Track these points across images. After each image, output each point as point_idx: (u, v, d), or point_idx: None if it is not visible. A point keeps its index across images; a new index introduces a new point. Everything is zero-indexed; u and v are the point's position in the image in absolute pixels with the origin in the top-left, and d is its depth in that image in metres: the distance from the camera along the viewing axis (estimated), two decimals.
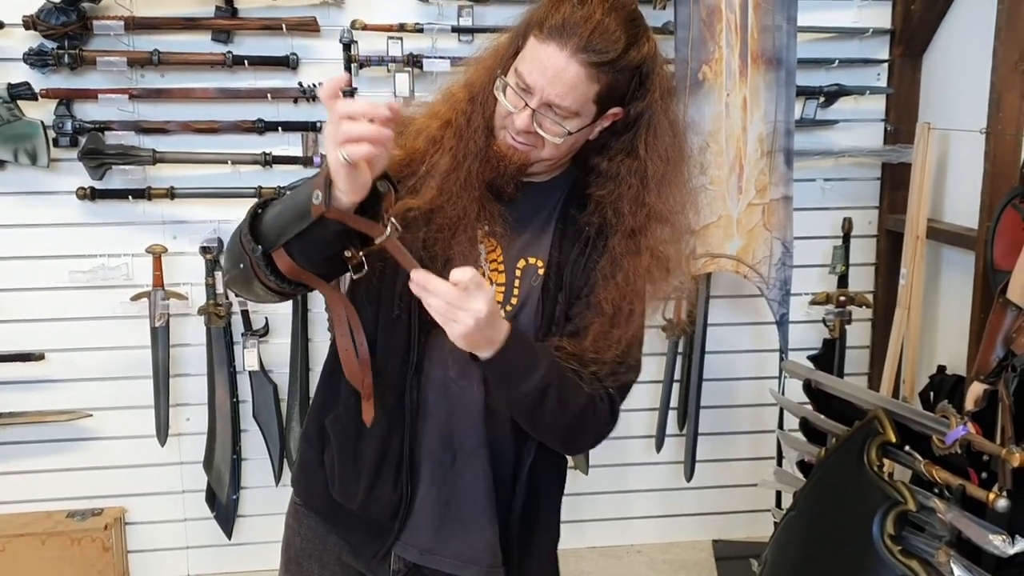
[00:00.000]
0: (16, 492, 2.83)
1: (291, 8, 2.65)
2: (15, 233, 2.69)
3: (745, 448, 3.15)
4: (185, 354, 2.84)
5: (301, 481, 1.63)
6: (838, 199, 3.02)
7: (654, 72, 1.39)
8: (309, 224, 1.24)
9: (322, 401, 1.58)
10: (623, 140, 1.42)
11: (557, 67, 1.31)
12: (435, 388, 1.46)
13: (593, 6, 1.31)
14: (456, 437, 1.47)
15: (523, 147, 1.38)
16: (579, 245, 1.45)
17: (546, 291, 1.45)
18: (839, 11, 2.90)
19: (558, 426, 1.39)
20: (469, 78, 1.46)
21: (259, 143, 2.71)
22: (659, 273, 1.44)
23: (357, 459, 1.49)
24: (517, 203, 1.44)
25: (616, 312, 1.40)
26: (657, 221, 1.43)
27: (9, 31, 2.54)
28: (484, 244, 1.44)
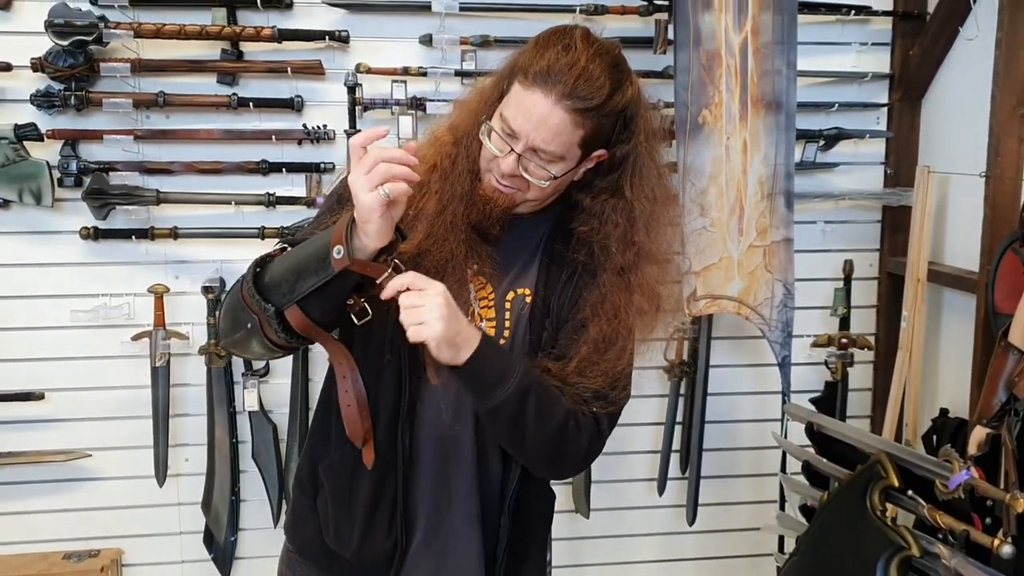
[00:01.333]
0: (13, 533, 2.81)
1: (296, 51, 2.68)
2: (18, 272, 2.70)
3: (747, 492, 3.12)
4: (185, 394, 2.83)
5: (294, 528, 1.62)
6: (839, 241, 3.03)
7: (638, 115, 1.42)
8: (327, 279, 1.27)
9: (313, 447, 1.59)
10: (608, 180, 1.45)
11: (542, 113, 1.33)
12: (428, 432, 1.47)
13: (578, 52, 1.33)
14: (451, 481, 1.48)
15: (508, 190, 1.41)
16: (566, 274, 1.48)
17: (533, 317, 1.47)
18: (838, 56, 2.93)
19: (542, 438, 1.39)
20: (454, 121, 1.49)
21: (263, 184, 2.72)
22: (649, 309, 1.47)
23: (351, 506, 1.49)
24: (503, 240, 1.47)
25: (604, 343, 1.41)
26: (646, 259, 1.46)
27: (17, 73, 2.57)
28: (473, 283, 1.46)
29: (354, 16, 2.71)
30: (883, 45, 2.94)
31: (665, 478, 3.01)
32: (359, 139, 1.25)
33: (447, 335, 1.27)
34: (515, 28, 2.72)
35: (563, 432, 1.40)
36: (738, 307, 2.63)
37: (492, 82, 1.46)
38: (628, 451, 3.06)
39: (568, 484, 2.97)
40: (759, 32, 2.55)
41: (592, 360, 1.41)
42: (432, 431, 1.47)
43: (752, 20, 2.54)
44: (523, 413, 1.35)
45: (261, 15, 2.67)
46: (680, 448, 3.03)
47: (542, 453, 1.43)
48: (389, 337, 1.43)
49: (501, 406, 1.34)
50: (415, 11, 2.70)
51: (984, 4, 2.57)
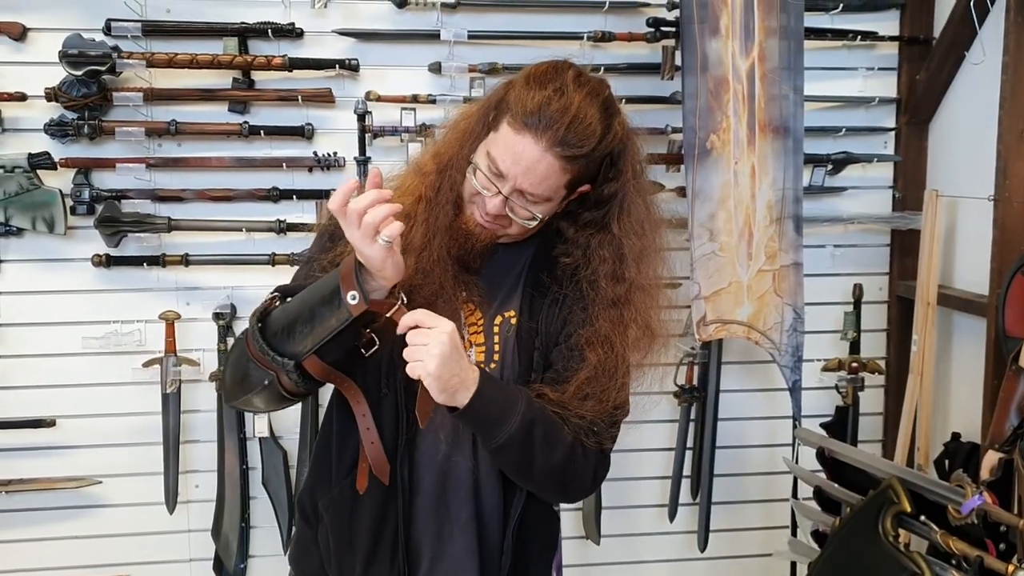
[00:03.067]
0: (23, 560, 2.81)
1: (307, 80, 2.70)
2: (31, 299, 2.72)
3: (759, 517, 3.10)
4: (195, 420, 2.83)
5: (298, 559, 1.63)
6: (848, 265, 3.02)
7: (625, 153, 1.43)
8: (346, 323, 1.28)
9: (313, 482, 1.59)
10: (594, 214, 1.46)
11: (532, 159, 1.33)
12: (427, 463, 1.47)
13: (570, 96, 1.33)
14: (451, 511, 1.48)
15: (492, 227, 1.41)
16: (550, 295, 1.48)
17: (520, 339, 1.47)
18: (845, 80, 2.94)
19: (550, 468, 1.38)
20: (438, 149, 1.49)
21: (273, 211, 2.74)
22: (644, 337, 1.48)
23: (352, 540, 1.49)
24: (487, 267, 1.47)
25: (602, 372, 1.42)
26: (639, 292, 1.47)
27: (31, 102, 2.60)
28: (463, 310, 1.46)
29: (364, 44, 2.74)
30: (890, 70, 2.96)
31: (676, 504, 3.00)
32: (336, 203, 1.24)
33: (441, 376, 1.26)
34: (523, 55, 2.71)
35: (571, 459, 1.40)
36: (748, 332, 2.63)
37: (478, 112, 1.45)
38: (638, 477, 3.05)
39: (578, 510, 2.96)
40: (766, 58, 2.57)
41: (590, 386, 1.41)
42: (431, 461, 1.47)
43: (759, 46, 2.56)
44: (530, 446, 1.35)
45: (272, 44, 2.71)
46: (691, 474, 3.01)
47: (551, 482, 1.42)
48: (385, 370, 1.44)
49: (507, 443, 1.34)
50: (424, 39, 2.73)
51: (990, 29, 2.58)
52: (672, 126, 2.75)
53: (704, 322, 2.58)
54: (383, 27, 2.74)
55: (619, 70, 2.77)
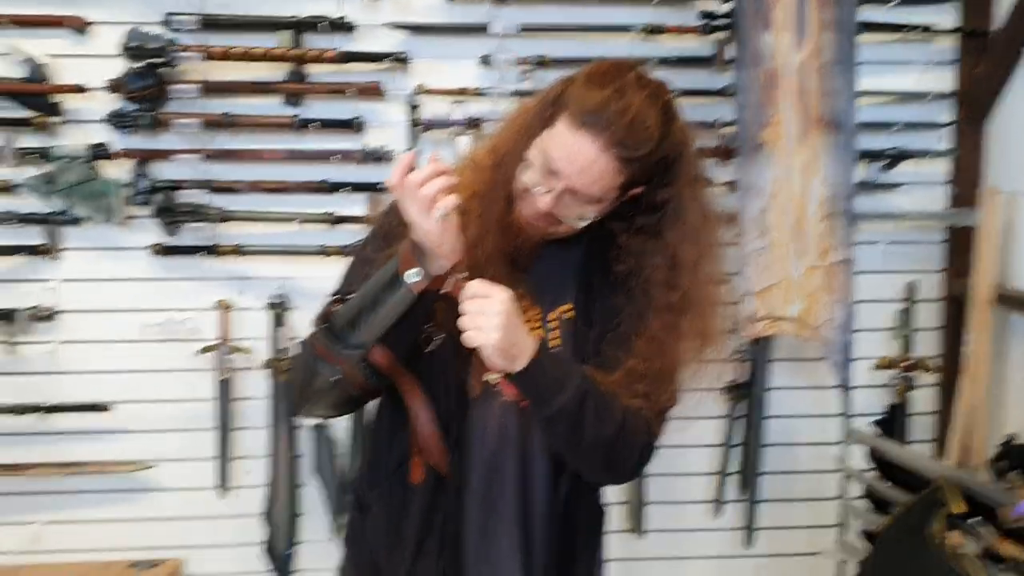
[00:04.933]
0: (78, 541, 2.88)
1: (358, 73, 2.73)
2: (89, 287, 2.78)
3: (806, 515, 3.07)
4: (247, 407, 2.88)
5: (350, 543, 1.65)
6: (901, 262, 2.98)
7: (682, 158, 1.40)
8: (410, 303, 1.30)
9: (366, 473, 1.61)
10: (647, 219, 1.44)
11: (587, 158, 1.31)
12: (475, 460, 1.48)
13: (630, 97, 1.31)
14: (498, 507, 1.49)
15: (541, 224, 1.40)
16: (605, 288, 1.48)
17: (577, 333, 1.47)
18: (901, 75, 2.89)
19: (599, 441, 1.38)
20: (494, 144, 1.48)
21: (325, 203, 2.77)
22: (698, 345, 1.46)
23: (401, 531, 1.51)
24: (537, 265, 1.48)
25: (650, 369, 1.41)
26: (694, 301, 1.44)
27: (92, 94, 2.66)
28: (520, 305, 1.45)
29: (414, 38, 2.76)
30: (947, 64, 2.90)
31: (722, 500, 2.98)
32: (394, 176, 1.26)
33: (501, 344, 1.28)
34: (573, 48, 2.74)
35: (620, 436, 1.39)
36: (798, 328, 2.60)
37: (536, 107, 1.44)
38: (684, 472, 3.04)
39: (623, 503, 2.96)
40: (820, 51, 2.54)
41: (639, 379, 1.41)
42: (479, 458, 1.48)
43: (813, 40, 2.53)
44: (581, 419, 1.35)
45: (324, 37, 2.73)
46: (738, 470, 2.99)
47: (598, 457, 1.42)
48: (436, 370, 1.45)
49: (560, 412, 1.34)
50: (474, 32, 2.74)
51: None
52: (722, 120, 2.73)
53: (753, 319, 2.57)
54: (434, 20, 2.76)
55: (670, 63, 2.75)
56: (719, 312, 1.50)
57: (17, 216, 2.69)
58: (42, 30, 2.65)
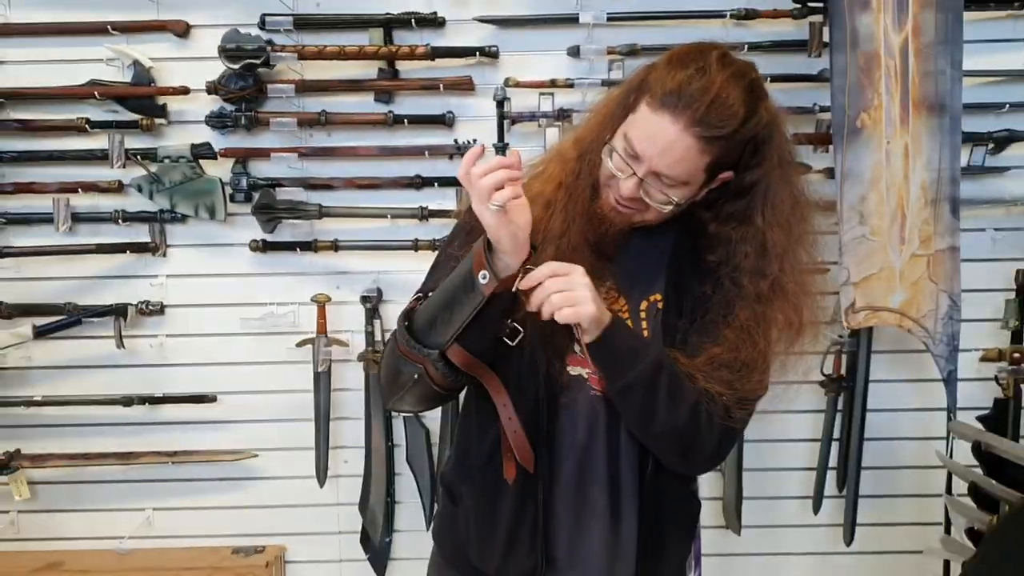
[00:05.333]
0: (185, 527, 3.00)
1: (448, 68, 2.75)
2: (194, 282, 2.89)
3: (909, 512, 2.97)
4: (344, 398, 2.94)
5: (441, 535, 1.67)
6: (1010, 250, 2.85)
7: (771, 140, 1.37)
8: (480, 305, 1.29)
9: (456, 465, 1.62)
10: (736, 205, 1.40)
11: (669, 139, 1.29)
12: (565, 453, 1.48)
13: (712, 76, 1.28)
14: (588, 500, 1.49)
15: (626, 211, 1.39)
16: (696, 279, 1.45)
17: (667, 322, 1.45)
18: (1008, 54, 2.76)
19: (673, 422, 1.36)
20: (579, 135, 1.48)
21: (416, 198, 2.81)
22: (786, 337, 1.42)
23: (493, 525, 1.52)
24: (624, 254, 1.46)
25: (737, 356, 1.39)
26: (782, 290, 1.41)
27: (193, 96, 2.76)
28: (606, 298, 1.44)
29: (503, 31, 2.77)
30: None
31: (821, 496, 2.91)
32: (462, 167, 1.26)
33: (597, 315, 1.30)
34: (663, 35, 2.71)
35: (694, 418, 1.37)
36: (900, 319, 2.52)
37: (619, 95, 1.43)
38: (782, 467, 2.98)
39: (718, 499, 2.92)
40: (920, 31, 2.45)
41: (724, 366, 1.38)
42: (569, 451, 1.48)
43: (913, 19, 2.44)
44: (655, 393, 1.34)
45: (415, 33, 2.77)
46: (837, 466, 2.92)
47: (672, 440, 1.40)
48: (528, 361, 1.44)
49: (633, 384, 1.34)
50: (562, 24, 2.73)
51: None
52: (820, 105, 2.66)
53: (853, 309, 2.49)
54: (522, 13, 2.76)
55: (764, 48, 2.70)
56: (811, 301, 1.46)
57: (126, 215, 2.80)
58: (146, 35, 2.76)
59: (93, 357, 2.91)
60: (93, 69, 2.76)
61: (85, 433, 2.94)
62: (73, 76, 2.75)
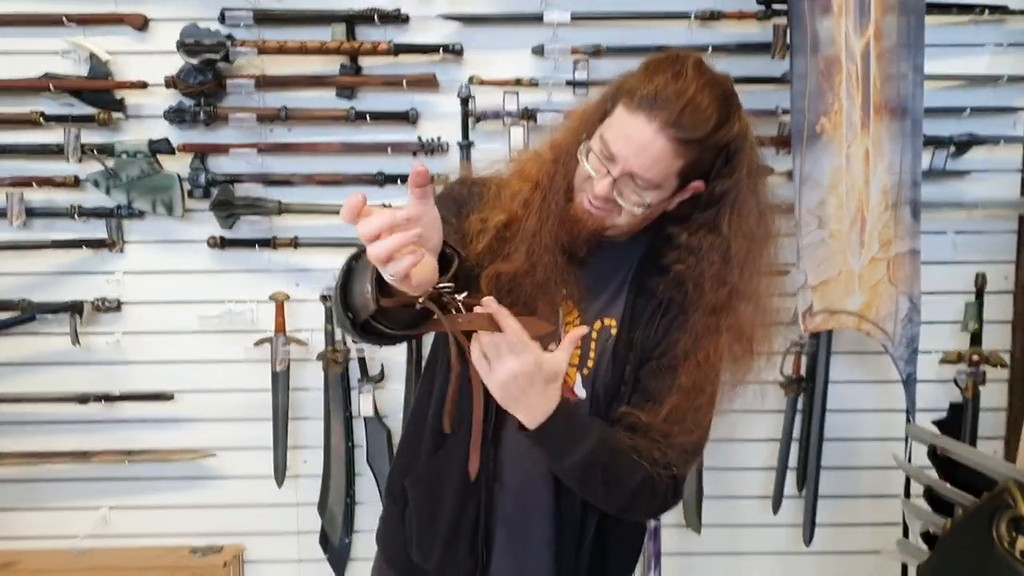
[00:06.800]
0: (142, 526, 2.96)
1: (412, 65, 2.73)
2: (151, 279, 2.85)
3: (868, 513, 2.99)
4: (304, 398, 2.92)
5: (384, 537, 1.67)
6: (971, 253, 2.87)
7: (742, 151, 1.37)
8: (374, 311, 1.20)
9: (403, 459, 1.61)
10: (705, 215, 1.41)
11: (644, 139, 1.30)
12: (510, 455, 1.48)
13: (688, 80, 1.30)
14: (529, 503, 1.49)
15: (599, 212, 1.38)
16: (652, 306, 1.45)
17: (617, 352, 1.45)
18: (971, 58, 2.78)
19: (607, 503, 1.41)
20: (556, 138, 1.48)
21: (379, 195, 2.78)
22: (742, 353, 1.42)
23: (434, 519, 1.52)
24: (592, 264, 1.45)
25: (694, 391, 1.38)
26: (741, 300, 1.42)
27: (152, 90, 2.71)
28: (562, 307, 1.44)
29: (468, 28, 2.75)
30: (1020, 45, 2.77)
31: (781, 496, 2.92)
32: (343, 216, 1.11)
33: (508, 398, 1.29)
34: (628, 36, 2.70)
35: (633, 500, 1.40)
36: (858, 322, 2.53)
37: (597, 101, 1.44)
38: (742, 467, 2.98)
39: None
40: (883, 35, 2.45)
41: (683, 409, 1.39)
42: (515, 452, 1.48)
43: (875, 23, 2.44)
44: (587, 482, 1.37)
45: (378, 30, 2.74)
46: (797, 466, 2.93)
47: (612, 508, 1.44)
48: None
49: (564, 472, 1.38)
50: (527, 22, 2.71)
51: None
52: (783, 107, 2.66)
53: (811, 312, 2.50)
54: (487, 11, 2.74)
55: (728, 50, 2.70)
56: (767, 310, 1.46)
57: (82, 210, 2.75)
58: (103, 27, 2.71)
59: (48, 354, 2.87)
60: (48, 62, 2.71)
61: (40, 431, 2.90)
62: (27, 69, 2.70)
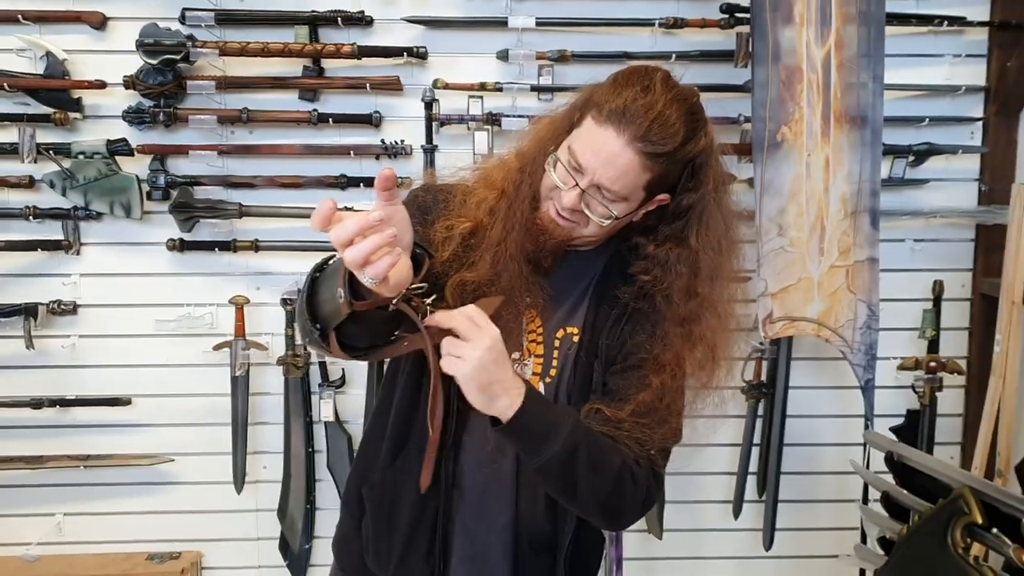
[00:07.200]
0: (98, 532, 2.92)
1: (375, 68, 2.71)
2: (109, 282, 2.80)
3: (828, 518, 3.02)
4: (264, 403, 2.89)
5: (339, 546, 1.65)
6: (929, 261, 2.90)
7: (708, 164, 1.39)
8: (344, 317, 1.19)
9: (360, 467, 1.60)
10: (672, 227, 1.42)
11: (612, 152, 1.30)
12: (471, 462, 1.47)
13: (656, 95, 1.31)
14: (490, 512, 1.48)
15: (565, 223, 1.38)
16: (615, 314, 1.45)
17: (579, 359, 1.45)
18: (930, 68, 2.81)
19: (596, 493, 1.35)
20: (522, 146, 1.48)
21: (341, 198, 2.76)
22: (707, 361, 1.43)
23: (391, 528, 1.51)
24: (557, 273, 1.45)
25: (663, 392, 1.38)
26: (710, 311, 1.43)
27: (110, 90, 2.67)
28: (525, 316, 1.44)
29: (432, 32, 2.74)
30: (979, 56, 2.81)
31: (741, 501, 2.94)
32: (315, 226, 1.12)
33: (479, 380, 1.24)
34: (593, 43, 2.71)
35: (619, 486, 1.36)
36: (818, 329, 2.55)
37: (565, 111, 1.45)
38: (703, 472, 3.00)
39: None
40: (843, 45, 2.47)
41: (649, 405, 1.38)
42: (475, 461, 1.47)
43: (836, 33, 2.47)
44: (574, 469, 1.31)
45: (342, 32, 2.72)
46: (757, 471, 2.95)
47: (598, 507, 1.39)
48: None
49: (549, 463, 1.30)
50: (492, 27, 2.71)
51: None
52: (745, 115, 2.67)
53: (771, 319, 2.52)
54: (452, 14, 2.73)
55: (691, 57, 2.71)
56: (733, 319, 1.48)
57: (38, 211, 2.70)
58: (60, 25, 2.66)
59: (1, 357, 2.81)
60: (3, 59, 2.66)
61: None
62: None
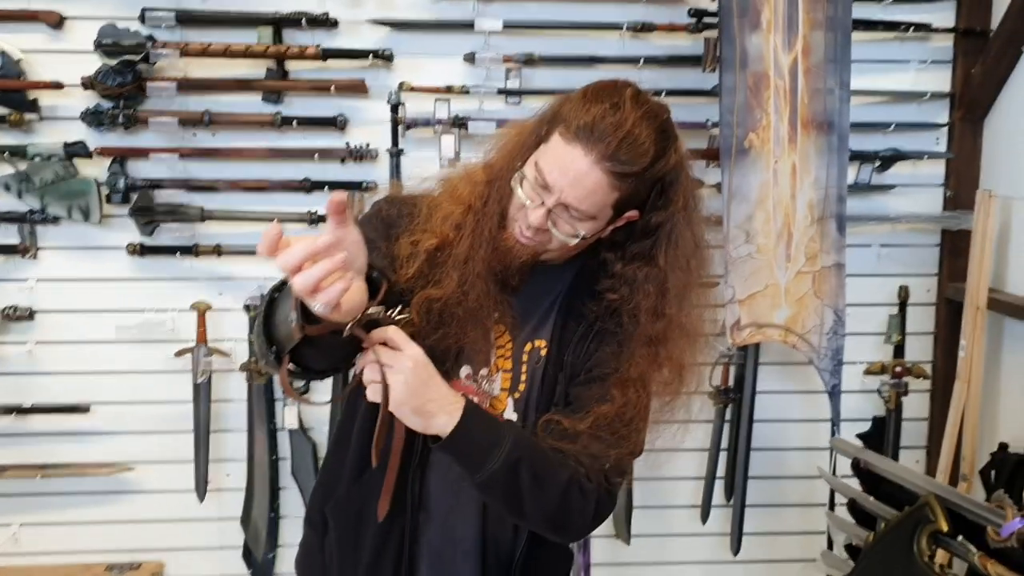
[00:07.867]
0: (57, 543, 2.85)
1: (340, 70, 2.67)
2: (67, 287, 2.74)
3: (795, 522, 3.03)
4: (226, 410, 2.84)
5: (302, 565, 1.62)
6: (895, 266, 2.92)
7: (678, 182, 1.36)
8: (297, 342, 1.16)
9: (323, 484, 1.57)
10: (641, 245, 1.39)
11: (579, 171, 1.27)
12: (438, 482, 1.45)
13: (625, 113, 1.27)
14: (456, 532, 1.45)
15: (531, 243, 1.36)
16: (582, 329, 1.43)
17: (547, 372, 1.43)
18: (896, 74, 2.82)
19: (542, 507, 1.33)
20: (489, 159, 1.45)
21: (306, 202, 2.72)
22: (673, 381, 1.42)
23: (356, 549, 1.48)
24: (524, 289, 1.43)
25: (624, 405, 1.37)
26: (678, 331, 1.40)
27: (67, 91, 2.61)
28: (493, 331, 1.42)
29: (398, 34, 2.70)
30: (944, 63, 2.83)
31: (709, 506, 2.94)
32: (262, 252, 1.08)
33: (406, 403, 1.22)
34: (560, 46, 2.69)
35: (565, 501, 1.34)
36: (785, 335, 2.55)
37: (532, 124, 1.41)
38: (671, 477, 2.99)
39: None
40: (810, 51, 2.47)
41: (610, 418, 1.36)
42: (442, 481, 1.44)
43: (803, 39, 2.47)
44: (516, 484, 1.29)
45: (306, 34, 2.68)
46: (725, 475, 2.95)
47: (544, 521, 1.37)
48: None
49: (491, 479, 1.28)
50: (459, 29, 2.68)
51: None
52: (713, 120, 2.67)
53: (738, 326, 2.51)
54: (418, 16, 2.70)
55: (659, 62, 2.70)
56: (700, 344, 1.47)
57: None
58: (15, 24, 2.60)
59: None
60: None
61: None
62: None
